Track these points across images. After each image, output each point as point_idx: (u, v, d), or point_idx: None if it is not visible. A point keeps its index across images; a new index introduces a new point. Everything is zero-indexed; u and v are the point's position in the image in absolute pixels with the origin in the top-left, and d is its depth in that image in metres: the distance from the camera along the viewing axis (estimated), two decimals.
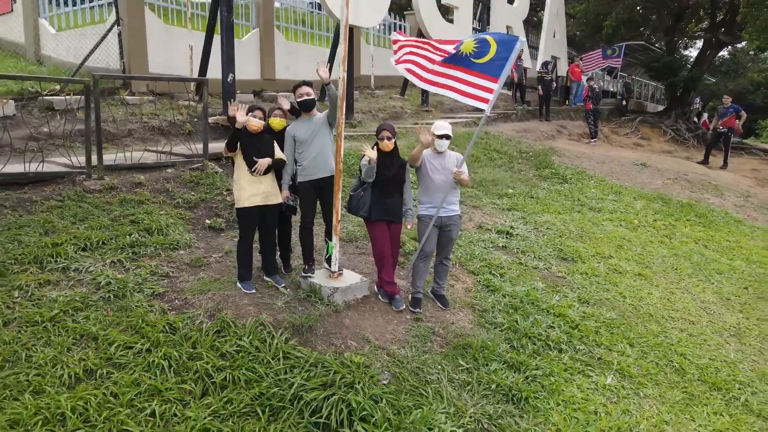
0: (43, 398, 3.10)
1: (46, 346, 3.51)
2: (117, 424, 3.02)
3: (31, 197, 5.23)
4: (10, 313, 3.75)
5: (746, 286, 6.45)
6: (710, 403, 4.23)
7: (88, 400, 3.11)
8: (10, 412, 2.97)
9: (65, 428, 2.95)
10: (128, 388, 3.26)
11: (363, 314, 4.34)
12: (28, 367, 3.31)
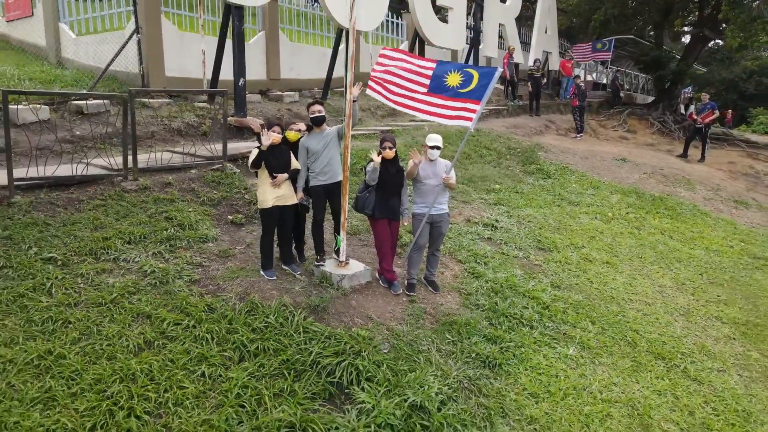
0: (116, 362, 3.92)
1: (111, 322, 4.32)
2: (176, 382, 3.85)
3: (78, 197, 6.01)
4: (77, 296, 4.56)
5: (701, 272, 7.30)
6: (654, 370, 5.09)
7: (152, 363, 3.94)
8: (92, 373, 3.79)
9: (136, 385, 3.77)
10: (181, 355, 4.08)
11: (366, 297, 5.17)
12: (100, 339, 4.12)
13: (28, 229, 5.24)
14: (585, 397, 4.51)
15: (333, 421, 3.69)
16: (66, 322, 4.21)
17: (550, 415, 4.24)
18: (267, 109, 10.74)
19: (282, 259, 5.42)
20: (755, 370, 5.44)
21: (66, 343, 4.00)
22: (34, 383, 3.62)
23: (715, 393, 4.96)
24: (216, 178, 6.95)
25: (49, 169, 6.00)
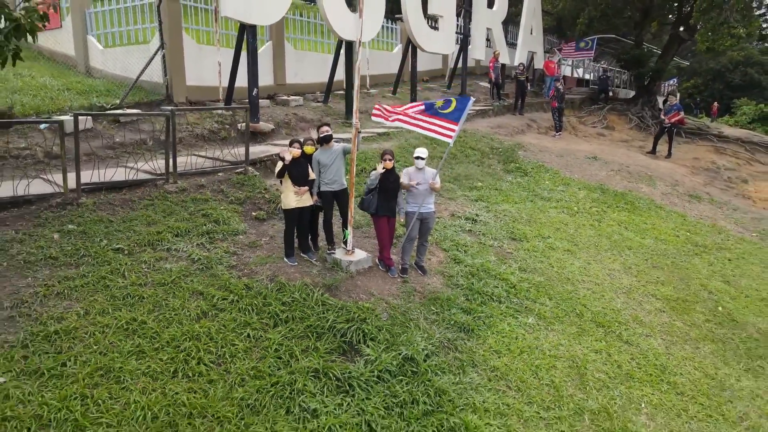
0: (184, 326, 5.21)
1: (173, 297, 5.60)
2: (229, 341, 5.14)
3: (130, 198, 7.25)
4: (145, 278, 5.83)
5: (647, 258, 8.66)
6: (594, 335, 6.45)
7: (210, 327, 5.23)
8: (167, 334, 5.08)
9: (200, 342, 5.06)
10: (230, 321, 5.38)
11: (369, 278, 6.48)
12: (168, 310, 5.41)
13: (97, 225, 6.49)
14: (537, 354, 5.86)
15: (347, 368, 5.01)
16: (141, 298, 5.49)
17: (509, 366, 5.58)
18: (276, 113, 11.94)
19: (300, 248, 6.70)
20: (676, 336, 6.81)
21: (144, 312, 5.29)
22: (127, 341, 4.91)
23: (640, 352, 6.33)
24: (240, 180, 8.20)
25: (103, 173, 7.24)
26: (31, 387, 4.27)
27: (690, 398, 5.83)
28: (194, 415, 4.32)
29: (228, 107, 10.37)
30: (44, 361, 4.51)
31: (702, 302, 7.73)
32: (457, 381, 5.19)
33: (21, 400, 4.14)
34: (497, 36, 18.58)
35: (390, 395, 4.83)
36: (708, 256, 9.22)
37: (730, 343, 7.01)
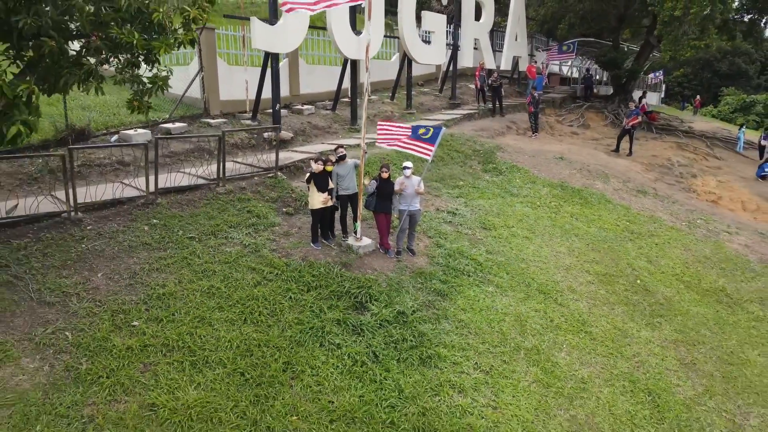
0: (246, 291, 7.49)
1: (236, 272, 7.88)
2: (277, 301, 7.43)
3: (192, 198, 9.49)
4: (213, 258, 8.09)
5: (588, 243, 10.94)
6: (536, 299, 8.76)
7: (264, 292, 7.51)
8: (236, 296, 7.37)
9: (258, 302, 7.35)
10: (277, 288, 7.66)
11: (373, 258, 8.76)
12: (234, 281, 7.68)
13: (172, 220, 8.75)
14: (492, 311, 8.17)
15: (358, 319, 7.32)
16: (213, 272, 7.77)
17: (471, 319, 7.90)
18: (293, 122, 14.12)
19: (322, 236, 8.97)
20: (598, 300, 9.13)
21: (217, 281, 7.57)
22: (210, 300, 7.20)
23: (569, 311, 8.65)
24: (272, 182, 10.44)
25: (170, 178, 9.48)
26: (156, 328, 6.57)
27: (600, 342, 8.17)
28: (261, 345, 6.64)
29: (265, 127, 12.52)
30: (160, 313, 6.81)
31: (625, 276, 10.04)
32: (434, 328, 7.50)
33: (151, 335, 6.45)
34: (484, 45, 20.62)
35: (388, 336, 7.15)
36: (640, 241, 11.52)
37: (640, 305, 9.34)
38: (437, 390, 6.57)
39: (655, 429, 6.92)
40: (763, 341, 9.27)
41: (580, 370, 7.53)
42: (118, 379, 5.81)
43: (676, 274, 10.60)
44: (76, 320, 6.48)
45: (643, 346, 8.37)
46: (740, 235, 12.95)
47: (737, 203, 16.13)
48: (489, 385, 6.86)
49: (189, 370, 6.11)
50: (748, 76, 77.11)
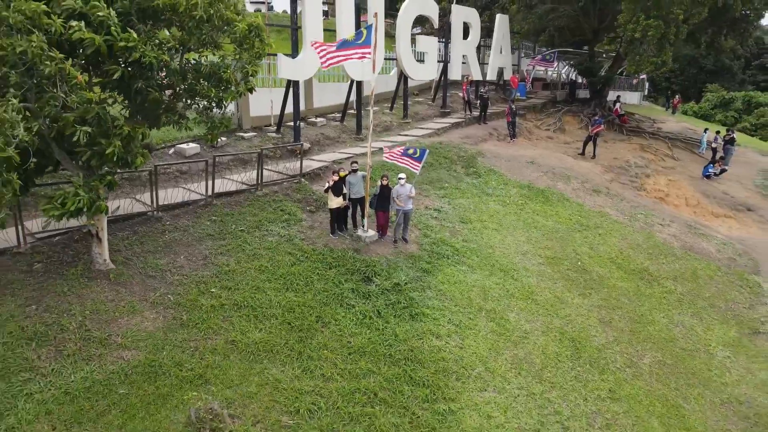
0: (285, 269, 10.35)
1: (277, 255, 10.71)
2: (308, 276, 10.28)
3: (238, 200, 12.30)
4: (259, 245, 10.92)
5: (544, 234, 13.77)
6: (498, 275, 11.61)
7: (298, 270, 10.36)
8: (280, 273, 10.22)
9: (295, 276, 10.20)
10: (308, 267, 10.50)
11: (376, 245, 11.60)
12: (277, 262, 10.52)
13: (226, 217, 11.58)
14: (463, 284, 11.03)
15: (367, 288, 10.18)
16: (260, 255, 10.60)
17: (448, 289, 10.76)
18: (309, 133, 16.88)
19: (338, 229, 11.79)
20: (545, 277, 11.99)
21: (265, 262, 10.40)
22: (261, 275, 10.05)
23: (522, 284, 11.52)
24: (297, 187, 13.24)
25: (220, 185, 12.29)
26: (227, 293, 9.44)
27: (541, 306, 11.05)
28: (299, 305, 9.49)
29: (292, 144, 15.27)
30: (228, 283, 9.67)
31: (569, 259, 12.90)
32: (421, 295, 10.37)
33: (225, 298, 9.31)
34: (471, 60, 23.26)
35: (387, 300, 10.02)
36: (586, 232, 14.35)
37: (577, 281, 12.20)
38: (421, 336, 9.45)
39: (573, 363, 9.82)
40: (668, 307, 12.15)
41: (524, 325, 10.42)
42: (208, 325, 8.69)
43: (611, 257, 13.47)
44: (173, 288, 9.34)
45: (574, 309, 11.25)
46: (671, 227, 15.80)
47: (681, 200, 18.95)
48: (458, 333, 9.75)
49: (253, 320, 8.98)
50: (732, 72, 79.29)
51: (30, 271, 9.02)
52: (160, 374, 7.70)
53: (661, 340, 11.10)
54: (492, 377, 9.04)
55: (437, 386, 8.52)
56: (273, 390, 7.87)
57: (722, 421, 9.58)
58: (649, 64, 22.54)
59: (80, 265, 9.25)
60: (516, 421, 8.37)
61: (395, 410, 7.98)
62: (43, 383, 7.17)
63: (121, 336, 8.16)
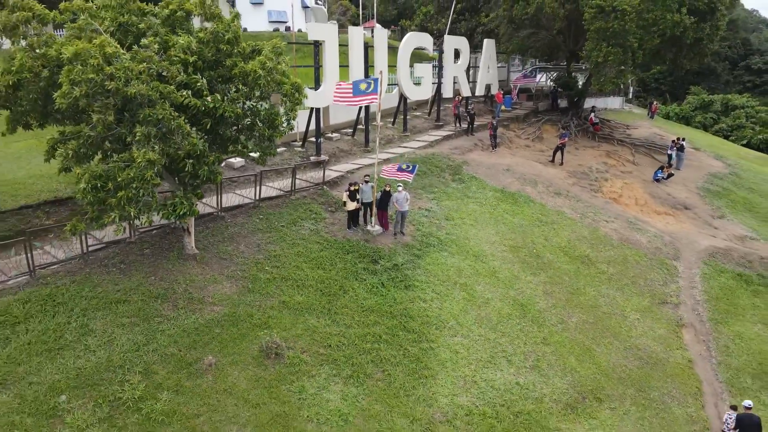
0: (316, 253, 14.23)
1: (309, 244, 14.58)
2: (331, 258, 14.14)
3: (277, 203, 16.16)
4: (295, 236, 14.79)
5: (510, 228, 17.56)
6: (470, 259, 15.44)
7: (325, 255, 14.24)
8: (312, 256, 14.11)
9: (323, 260, 14.07)
10: (332, 253, 14.36)
11: (380, 237, 15.46)
12: (310, 248, 14.40)
13: (270, 216, 15.45)
14: (444, 265, 14.87)
15: (374, 267, 14.06)
16: (298, 244, 14.47)
17: (432, 268, 14.60)
18: (326, 147, 20.68)
19: (353, 225, 15.65)
20: (506, 261, 15.83)
21: (301, 249, 14.26)
22: (298, 258, 13.93)
23: (488, 266, 15.36)
24: (320, 192, 17.09)
25: (263, 191, 16.17)
26: (277, 271, 13.34)
27: (501, 281, 14.89)
28: (327, 279, 13.37)
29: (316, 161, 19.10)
30: (276, 263, 13.57)
31: (527, 248, 16.71)
32: (413, 272, 14.22)
33: (275, 274, 13.22)
34: (461, 80, 26.90)
35: (389, 275, 13.89)
36: (544, 227, 18.13)
37: (531, 264, 16.01)
38: (412, 300, 13.32)
39: (519, 320, 13.67)
40: (599, 284, 15.96)
41: (487, 295, 14.27)
42: (266, 291, 12.60)
43: (560, 246, 17.27)
44: (239, 267, 13.24)
45: (525, 284, 15.09)
46: (614, 223, 19.56)
47: (632, 200, 22.68)
48: (438, 299, 13.61)
49: (296, 288, 12.88)
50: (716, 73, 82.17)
51: (143, 254, 12.95)
52: (239, 321, 11.62)
53: (588, 306, 14.95)
54: (461, 328, 12.93)
55: (422, 333, 12.43)
56: (312, 333, 11.78)
57: (622, 360, 13.44)
58: (611, 84, 26.22)
59: (175, 251, 13.16)
60: (475, 356, 12.27)
61: (393, 347, 11.89)
62: (169, 325, 11.10)
63: (211, 297, 12.09)
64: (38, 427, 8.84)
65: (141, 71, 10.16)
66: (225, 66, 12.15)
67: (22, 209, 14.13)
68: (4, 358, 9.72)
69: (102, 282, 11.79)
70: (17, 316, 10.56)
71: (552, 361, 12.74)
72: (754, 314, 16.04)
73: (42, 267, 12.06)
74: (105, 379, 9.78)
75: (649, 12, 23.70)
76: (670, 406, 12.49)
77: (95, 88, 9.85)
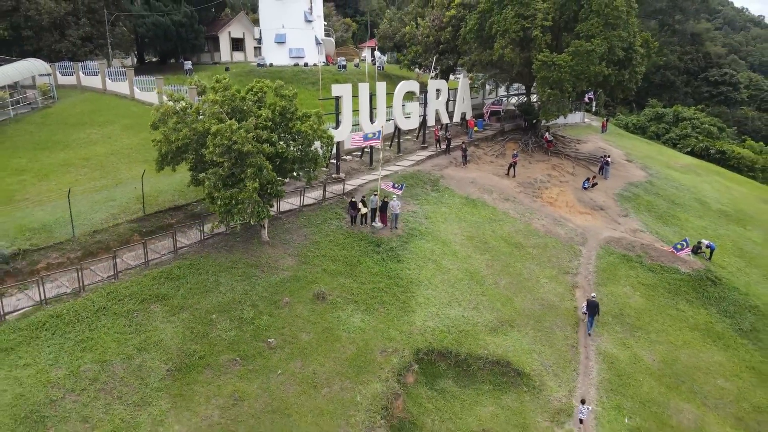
0: (342, 242, 21.89)
1: (335, 236, 22.21)
2: (350, 244, 21.82)
3: (313, 208, 23.76)
4: (327, 230, 22.43)
5: (470, 224, 25.18)
6: (443, 248, 23.13)
7: (347, 243, 21.90)
8: (339, 242, 21.78)
9: (348, 246, 21.73)
10: (352, 242, 22.03)
11: (382, 231, 23.09)
12: (336, 238, 22.06)
13: (309, 217, 23.09)
14: (423, 249, 22.53)
15: (378, 249, 21.76)
16: (328, 235, 22.11)
17: (416, 250, 22.26)
18: (343, 166, 28.26)
19: (364, 223, 23.32)
20: (464, 246, 23.50)
21: (332, 238, 21.93)
22: (330, 244, 21.59)
23: (451, 249, 23.02)
24: (340, 201, 24.73)
25: (302, 200, 23.82)
26: (317, 251, 21.04)
27: (459, 258, 22.57)
28: (348, 256, 21.07)
29: (338, 178, 26.79)
30: (317, 247, 21.27)
31: (478, 237, 24.35)
32: (403, 252, 21.89)
33: (319, 252, 20.93)
34: (441, 111, 34.34)
35: (387, 254, 21.58)
36: (493, 223, 25.75)
37: (480, 248, 23.67)
38: (402, 269, 21.03)
39: (468, 282, 21.36)
40: (524, 261, 23.61)
41: (449, 266, 21.97)
42: (312, 263, 20.30)
43: (502, 236, 24.93)
44: (295, 248, 20.93)
45: (475, 260, 22.81)
46: (544, 221, 27.22)
47: (563, 203, 30.35)
48: (418, 269, 21.30)
49: (330, 261, 20.58)
50: (675, 86, 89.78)
51: (236, 241, 20.61)
52: (299, 280, 19.30)
53: (514, 274, 22.67)
54: (431, 285, 20.66)
55: (407, 288, 20.16)
56: (342, 286, 19.49)
57: (530, 305, 21.17)
58: (553, 116, 33.89)
59: (255, 239, 20.83)
60: (439, 301, 19.99)
61: (390, 295, 19.62)
62: (261, 280, 18.78)
63: (282, 266, 19.77)
64: (203, 328, 16.53)
65: (247, 137, 17.76)
66: (288, 126, 19.78)
67: (157, 213, 21.75)
68: (179, 297, 17.39)
69: (217, 257, 19.45)
70: (178, 275, 18.22)
71: (486, 304, 20.49)
72: (627, 281, 23.81)
73: (179, 248, 19.72)
74: (233, 308, 17.47)
75: (578, 65, 31.26)
76: (554, 331, 20.26)
77: (226, 149, 17.45)
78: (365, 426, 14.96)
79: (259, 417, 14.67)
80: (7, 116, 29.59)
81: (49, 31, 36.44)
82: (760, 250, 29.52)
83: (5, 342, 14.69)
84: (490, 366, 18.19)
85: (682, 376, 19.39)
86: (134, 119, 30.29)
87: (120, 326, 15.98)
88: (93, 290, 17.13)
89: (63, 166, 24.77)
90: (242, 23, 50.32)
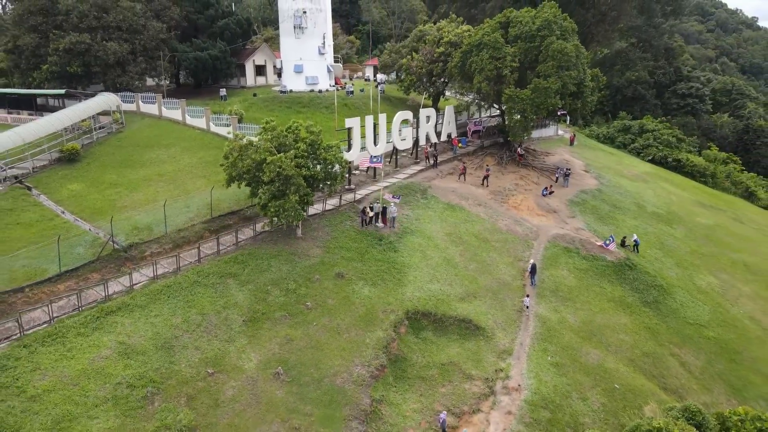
0: (356, 236, 29.27)
1: (349, 233, 29.59)
2: (361, 239, 29.20)
3: (333, 213, 31.14)
4: (344, 229, 29.78)
5: (449, 224, 32.43)
6: (427, 240, 30.49)
7: (359, 237, 29.31)
8: (353, 237, 29.16)
9: (357, 239, 29.10)
10: (361, 237, 29.43)
11: (384, 230, 30.48)
12: (350, 236, 29.44)
13: (330, 220, 30.46)
14: (413, 242, 29.94)
15: (380, 242, 29.16)
16: (346, 233, 29.50)
17: (409, 243, 29.68)
18: (353, 179, 35.60)
19: (366, 224, 30.68)
20: (445, 241, 30.78)
21: (347, 235, 29.31)
22: (348, 239, 28.98)
23: (435, 243, 30.42)
24: (352, 207, 32.07)
25: (324, 207, 31.19)
26: (338, 243, 28.47)
27: (440, 249, 29.93)
28: (359, 247, 28.47)
29: (349, 188, 34.25)
30: (337, 241, 28.67)
31: (456, 235, 31.60)
32: (399, 245, 29.23)
33: (340, 245, 28.34)
34: (431, 133, 41.66)
35: (387, 246, 28.96)
36: (467, 224, 32.95)
37: (456, 242, 30.92)
38: (397, 257, 28.41)
39: (446, 267, 28.70)
40: (489, 251, 30.95)
41: (433, 255, 29.31)
42: (333, 253, 27.73)
43: (473, 233, 32.22)
44: (321, 242, 28.36)
45: (452, 251, 30.14)
46: (506, 221, 34.48)
47: (525, 207, 37.64)
48: (410, 256, 28.66)
49: (346, 252, 28.00)
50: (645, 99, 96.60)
51: (278, 237, 28.04)
52: (325, 264, 26.72)
53: (480, 261, 30.01)
54: (419, 268, 28.05)
55: (401, 269, 27.58)
56: (355, 268, 26.93)
57: (490, 283, 28.53)
58: (520, 137, 41.22)
59: (292, 236, 28.26)
60: (423, 279, 27.38)
61: (390, 275, 27.06)
62: (299, 264, 26.22)
63: (312, 254, 27.21)
64: (263, 295, 23.95)
65: (290, 165, 25.13)
66: (316, 153, 27.20)
67: (220, 216, 29.15)
68: (245, 274, 24.81)
69: (267, 248, 26.88)
70: (242, 260, 25.65)
71: (457, 282, 27.87)
72: (565, 266, 31.12)
73: (239, 242, 27.15)
74: (281, 282, 24.89)
75: (537, 98, 38.51)
76: (506, 301, 27.61)
77: (277, 174, 24.83)
78: (371, 357, 22.35)
79: (303, 351, 22.08)
80: (92, 140, 36.95)
81: (113, 68, 43.72)
82: (679, 244, 36.93)
83: (141, 301, 22.13)
84: (457, 323, 25.56)
85: (595, 331, 26.77)
86: (189, 142, 37.68)
87: (209, 293, 23.40)
88: (186, 270, 24.55)
89: (144, 180, 32.19)
90: (264, 52, 57.63)
